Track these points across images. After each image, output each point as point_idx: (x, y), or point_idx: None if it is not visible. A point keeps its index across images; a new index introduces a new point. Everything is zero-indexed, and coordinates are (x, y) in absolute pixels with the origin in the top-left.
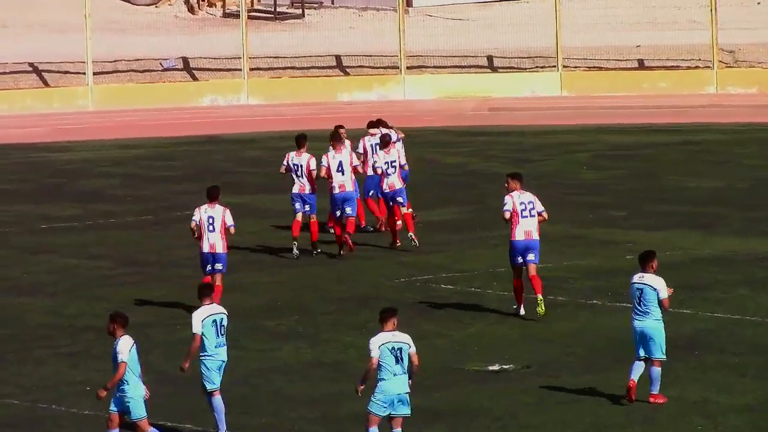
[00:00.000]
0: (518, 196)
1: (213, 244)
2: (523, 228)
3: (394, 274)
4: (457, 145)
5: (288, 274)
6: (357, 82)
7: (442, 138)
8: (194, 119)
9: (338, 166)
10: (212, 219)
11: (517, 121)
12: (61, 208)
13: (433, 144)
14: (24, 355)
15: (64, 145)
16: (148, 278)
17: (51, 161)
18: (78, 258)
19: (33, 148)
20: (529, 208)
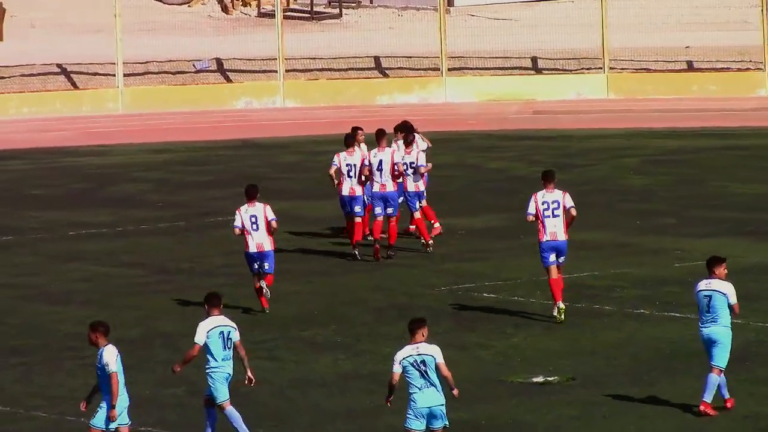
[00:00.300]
0: (542, 195)
1: (260, 244)
2: (548, 228)
3: (435, 283)
4: (500, 149)
5: (324, 282)
6: (396, 84)
7: (485, 142)
8: (228, 122)
9: (378, 165)
10: (255, 218)
11: (563, 124)
12: (91, 215)
13: (475, 148)
14: (53, 365)
15: (94, 149)
16: (181, 287)
17: (80, 166)
18: (109, 266)
19: (62, 153)
20: (553, 208)
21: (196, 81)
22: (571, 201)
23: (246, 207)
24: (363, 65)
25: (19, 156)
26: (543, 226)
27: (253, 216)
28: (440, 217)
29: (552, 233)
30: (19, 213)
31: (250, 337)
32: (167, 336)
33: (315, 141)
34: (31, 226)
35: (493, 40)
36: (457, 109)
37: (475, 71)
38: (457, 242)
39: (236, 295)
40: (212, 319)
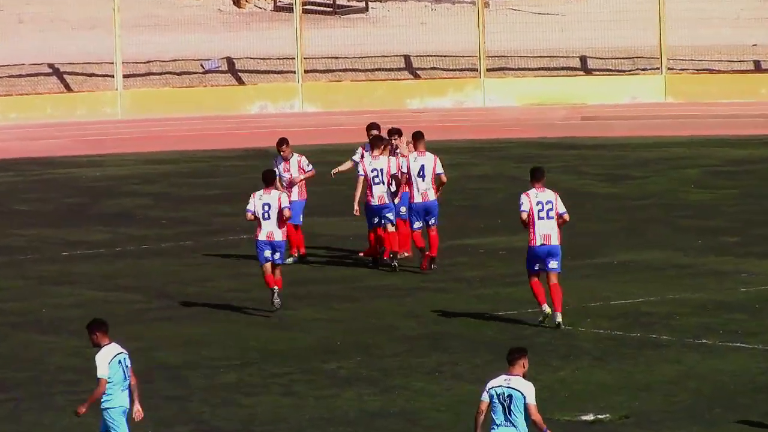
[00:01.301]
0: (535, 194)
1: (270, 232)
2: (540, 231)
3: (472, 309)
4: (544, 159)
5: (347, 308)
6: (429, 86)
7: (528, 151)
8: (240, 129)
9: (420, 171)
10: (268, 206)
11: (615, 132)
12: (85, 232)
13: (516, 158)
14: (43, 402)
15: (89, 159)
16: (186, 314)
17: (74, 178)
18: (105, 290)
19: (53, 163)
20: (548, 209)
21: (204, 83)
22: (563, 204)
23: (261, 193)
24: (391, 65)
25: (5, 167)
26: (533, 229)
27: (266, 204)
28: (477, 235)
29: (545, 236)
30: (5, 231)
31: (264, 369)
32: (171, 369)
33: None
34: (18, 246)
35: (538, 36)
36: (497, 114)
37: (517, 72)
38: (496, 264)
39: (250, 322)
40: (108, 348)
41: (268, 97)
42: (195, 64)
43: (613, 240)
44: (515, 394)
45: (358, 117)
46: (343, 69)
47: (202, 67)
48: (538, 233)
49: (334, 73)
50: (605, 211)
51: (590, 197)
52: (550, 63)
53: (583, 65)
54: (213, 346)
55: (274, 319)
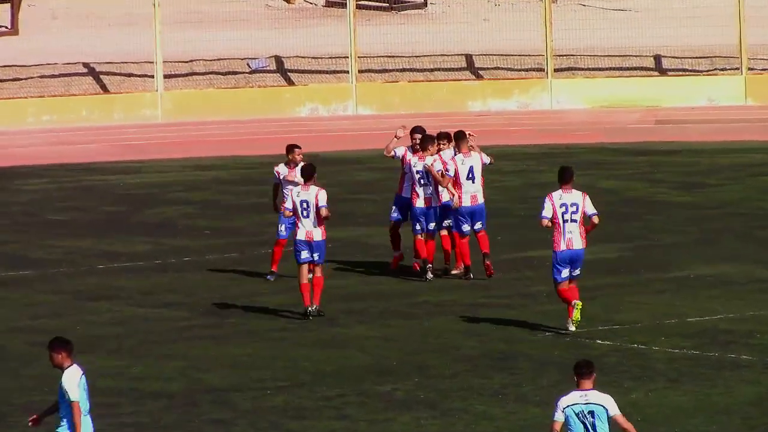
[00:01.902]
0: (560, 196)
1: (309, 232)
2: (565, 236)
3: (538, 326)
4: (614, 166)
5: (403, 326)
6: (492, 87)
7: (597, 157)
8: (290, 133)
9: (469, 173)
10: (306, 203)
11: (691, 136)
12: (124, 244)
13: (584, 165)
14: None
15: (128, 165)
16: (232, 332)
17: (111, 185)
18: (146, 306)
19: (89, 170)
20: (572, 212)
21: (251, 83)
22: (593, 206)
23: (299, 189)
24: (452, 65)
25: (38, 173)
26: (560, 233)
27: (304, 201)
28: (543, 247)
29: (569, 240)
30: (39, 242)
31: (315, 392)
32: (216, 391)
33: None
34: (52, 258)
35: (608, 34)
36: (564, 117)
37: (587, 72)
38: None
39: (300, 341)
40: (73, 369)
41: (319, 99)
42: (241, 63)
43: (688, 252)
44: (597, 410)
45: (416, 120)
46: (399, 69)
47: (249, 67)
48: (563, 237)
49: (390, 73)
50: (680, 221)
51: (664, 206)
52: (621, 63)
53: (657, 65)
54: (260, 366)
55: (326, 337)
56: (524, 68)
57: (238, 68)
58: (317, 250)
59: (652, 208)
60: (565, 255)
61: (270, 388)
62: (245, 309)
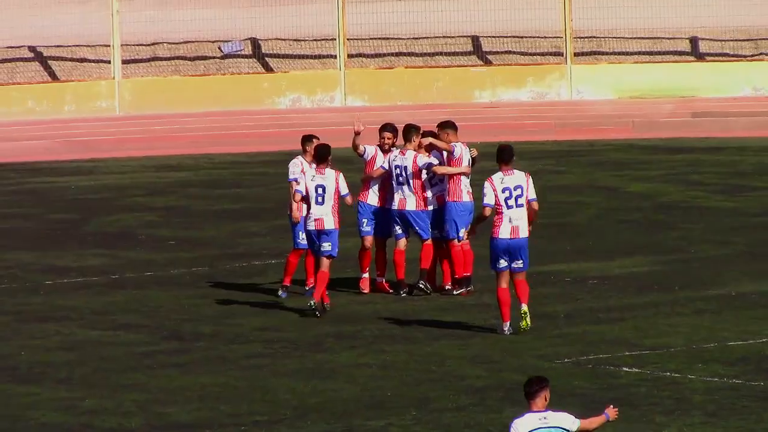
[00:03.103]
0: (501, 179)
1: (321, 219)
2: (507, 222)
3: (556, 352)
4: (646, 165)
5: (400, 351)
6: (503, 74)
7: (625, 156)
8: (268, 127)
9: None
10: (322, 188)
11: (733, 131)
12: (75, 257)
13: (611, 164)
14: None
15: (80, 165)
16: (201, 358)
17: (61, 188)
18: (100, 328)
19: (36, 170)
20: (516, 195)
21: (223, 70)
22: (534, 190)
23: (313, 173)
24: (456, 48)
25: None
26: (501, 220)
27: (320, 186)
28: (562, 260)
29: (514, 228)
30: None
31: (298, 428)
32: (182, 428)
33: None
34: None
35: (638, 13)
36: (587, 109)
37: (612, 57)
38: (586, 296)
39: (281, 370)
40: None
41: (303, 88)
42: (212, 46)
43: (730, 266)
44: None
45: (414, 113)
46: (395, 53)
47: (221, 51)
48: (504, 223)
49: (385, 58)
50: (721, 230)
51: (702, 213)
52: (653, 46)
53: (694, 49)
54: (234, 399)
55: (310, 365)
56: (540, 52)
57: (208, 52)
58: (329, 240)
59: (688, 215)
60: (504, 244)
61: (245, 424)
62: (216, 332)
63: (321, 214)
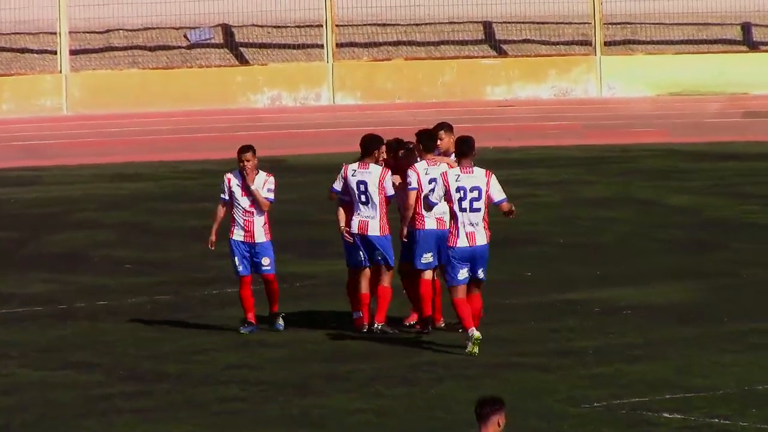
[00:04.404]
0: (456, 177)
1: (364, 223)
2: (463, 228)
3: (584, 395)
4: (689, 175)
5: (400, 395)
6: (520, 67)
7: (665, 163)
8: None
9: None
10: (365, 185)
11: None
12: (15, 283)
13: (648, 174)
14: None
15: (21, 173)
16: (165, 403)
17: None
18: (45, 367)
19: None
20: (472, 198)
21: (189, 62)
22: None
23: (356, 167)
24: (465, 36)
25: None
26: (455, 225)
27: (362, 182)
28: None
29: (469, 235)
30: None
31: None
32: None
33: None
34: None
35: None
36: (619, 108)
37: (649, 46)
38: (619, 328)
39: (260, 416)
40: None
41: (283, 84)
42: (176, 34)
43: None
44: None
45: (415, 112)
46: (393, 42)
47: (187, 40)
48: (460, 230)
49: (381, 48)
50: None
51: (754, 230)
52: (697, 33)
53: (746, 37)
54: None
55: (295, 411)
56: (564, 41)
57: (171, 41)
58: (381, 247)
59: (739, 233)
60: (465, 252)
61: None
62: (183, 371)
63: (368, 216)
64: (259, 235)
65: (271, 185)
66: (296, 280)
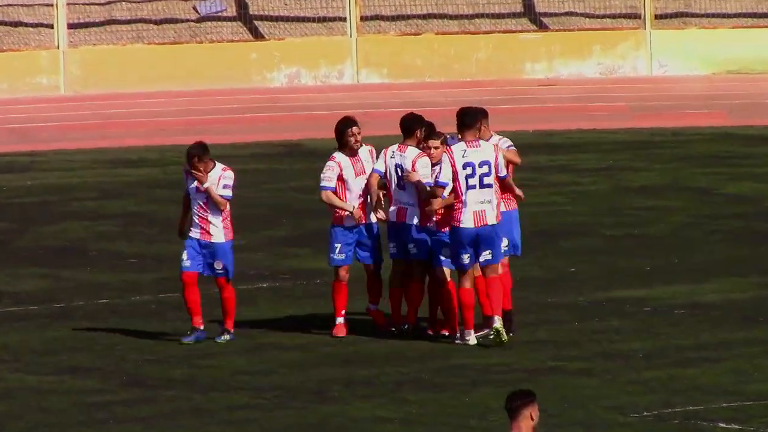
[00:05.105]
0: (461, 152)
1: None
2: (470, 206)
3: (632, 403)
4: (748, 161)
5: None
6: (562, 42)
7: (721, 148)
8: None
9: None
10: (400, 169)
11: None
12: (8, 279)
13: (703, 159)
14: None
15: (14, 158)
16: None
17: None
18: (41, 371)
19: None
20: (481, 174)
21: (199, 37)
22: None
23: (394, 149)
24: (501, 9)
25: None
26: (461, 203)
27: (399, 165)
28: (639, 284)
29: (477, 214)
30: None
31: None
32: None
33: None
34: None
35: None
36: (671, 88)
37: (704, 20)
38: (671, 329)
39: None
40: None
41: (303, 60)
42: (185, 6)
43: None
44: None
45: (447, 92)
46: (423, 14)
47: (197, 12)
48: (467, 208)
49: (408, 21)
50: None
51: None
52: (757, 6)
53: None
54: None
55: (312, 419)
56: (610, 14)
57: (179, 14)
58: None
59: None
60: (469, 234)
61: None
62: (190, 377)
63: (406, 202)
64: (217, 235)
65: (228, 180)
66: (314, 276)
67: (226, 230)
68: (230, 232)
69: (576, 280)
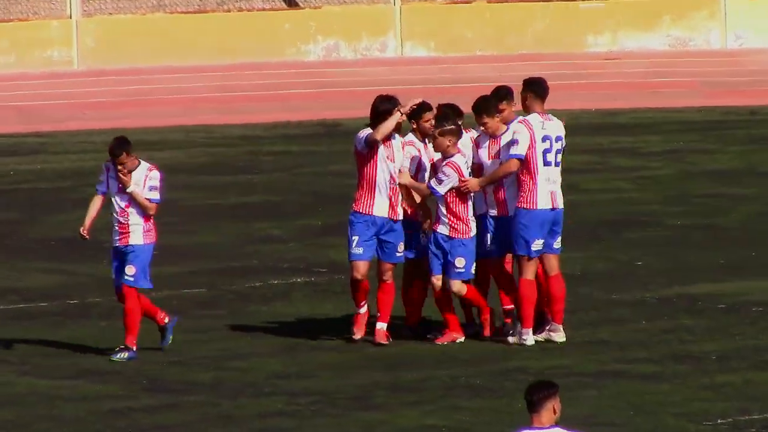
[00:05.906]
0: (541, 125)
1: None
2: (546, 186)
3: (705, 409)
4: None
5: (483, 409)
6: (627, 12)
7: None
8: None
9: None
10: None
11: None
12: (16, 273)
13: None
14: None
15: (23, 140)
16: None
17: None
18: (53, 375)
19: None
20: (556, 149)
21: (226, 5)
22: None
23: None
24: None
25: None
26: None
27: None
28: (712, 278)
29: (552, 194)
30: None
31: None
32: None
33: None
34: None
35: None
36: (748, 62)
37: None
38: (747, 329)
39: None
40: None
41: (341, 32)
42: None
43: None
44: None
45: (500, 67)
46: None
47: None
48: (542, 189)
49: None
50: None
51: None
52: None
53: None
54: None
55: (353, 428)
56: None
57: None
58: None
59: None
60: (545, 217)
61: None
62: (218, 380)
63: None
64: (135, 236)
65: (154, 181)
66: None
67: (148, 232)
68: (153, 235)
69: (642, 275)
